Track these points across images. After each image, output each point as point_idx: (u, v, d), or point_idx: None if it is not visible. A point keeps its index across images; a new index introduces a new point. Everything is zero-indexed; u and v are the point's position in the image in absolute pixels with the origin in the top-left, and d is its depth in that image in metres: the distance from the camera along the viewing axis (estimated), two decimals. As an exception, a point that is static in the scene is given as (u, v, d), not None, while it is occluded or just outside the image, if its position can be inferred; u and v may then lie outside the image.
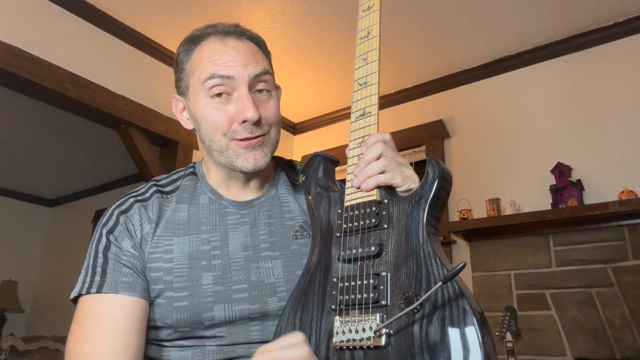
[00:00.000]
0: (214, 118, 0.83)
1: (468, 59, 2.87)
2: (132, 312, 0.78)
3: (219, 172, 0.90)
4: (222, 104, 0.83)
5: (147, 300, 0.80)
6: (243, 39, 0.87)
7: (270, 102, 0.87)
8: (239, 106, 0.82)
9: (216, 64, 0.82)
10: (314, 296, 0.72)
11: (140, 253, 0.82)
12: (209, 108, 0.83)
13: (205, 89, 0.83)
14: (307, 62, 2.91)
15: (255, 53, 0.87)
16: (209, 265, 0.82)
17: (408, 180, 0.72)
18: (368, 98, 0.78)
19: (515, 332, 2.21)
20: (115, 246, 0.82)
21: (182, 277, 0.80)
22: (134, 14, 2.54)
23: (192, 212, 0.87)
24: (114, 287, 0.78)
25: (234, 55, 0.83)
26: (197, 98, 0.85)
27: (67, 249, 4.87)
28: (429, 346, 0.58)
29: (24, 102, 2.87)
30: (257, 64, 0.85)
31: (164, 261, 0.81)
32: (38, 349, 3.50)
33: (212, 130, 0.84)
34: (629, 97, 2.43)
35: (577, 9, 2.43)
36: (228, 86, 0.82)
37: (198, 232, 0.85)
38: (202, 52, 0.85)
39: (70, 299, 0.81)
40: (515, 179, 2.64)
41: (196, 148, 2.86)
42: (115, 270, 0.80)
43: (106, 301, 0.78)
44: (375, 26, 0.81)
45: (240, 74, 0.82)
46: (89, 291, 0.78)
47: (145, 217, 0.84)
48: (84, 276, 0.81)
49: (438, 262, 0.62)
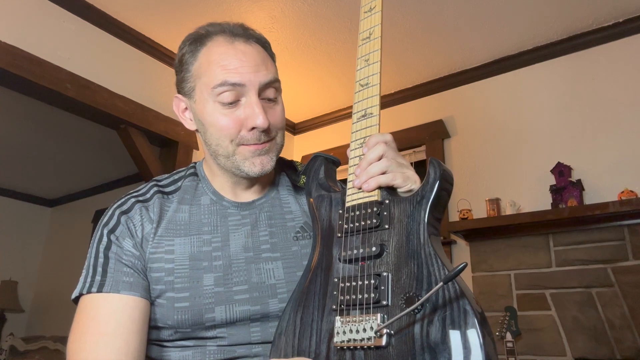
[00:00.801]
0: (223, 124, 0.82)
1: (468, 59, 2.87)
2: (133, 311, 0.78)
3: (223, 175, 0.90)
4: (231, 109, 0.82)
5: (148, 300, 0.80)
6: (251, 42, 0.85)
7: (277, 108, 0.87)
8: (249, 112, 0.81)
9: (226, 70, 0.81)
10: (315, 296, 0.72)
11: (141, 253, 0.82)
12: (217, 113, 0.82)
13: (214, 94, 0.81)
14: (307, 62, 2.91)
15: (265, 58, 0.86)
16: (210, 267, 0.82)
17: (409, 180, 0.72)
18: (369, 99, 0.78)
19: (515, 332, 2.21)
20: (116, 245, 0.81)
21: (184, 278, 0.80)
22: (134, 14, 2.54)
23: (193, 213, 0.87)
24: (114, 286, 0.78)
25: (244, 60, 0.82)
26: (205, 102, 0.83)
27: (67, 249, 4.87)
28: (429, 346, 0.58)
29: (24, 102, 2.87)
30: (267, 71, 0.84)
31: (165, 262, 0.81)
32: (38, 349, 3.50)
33: (220, 135, 0.83)
34: (629, 97, 2.43)
35: (577, 9, 2.43)
36: (237, 92, 0.81)
37: (199, 232, 0.85)
38: (210, 54, 0.83)
39: (72, 299, 0.81)
40: (515, 179, 2.64)
41: (196, 148, 2.86)
42: (116, 270, 0.79)
43: (107, 300, 0.78)
44: (377, 27, 0.81)
45: (251, 80, 0.81)
46: (89, 291, 0.78)
47: (146, 218, 0.84)
48: (84, 276, 0.81)
49: (439, 262, 0.62)
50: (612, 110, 2.46)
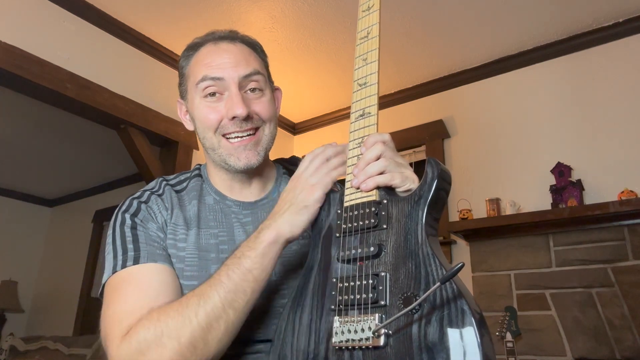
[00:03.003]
0: (206, 115, 0.88)
1: (468, 59, 2.87)
2: (174, 278, 0.79)
3: (220, 173, 0.94)
4: (214, 102, 0.88)
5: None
6: (236, 42, 0.92)
7: (263, 99, 0.90)
8: (229, 104, 0.86)
9: (209, 67, 0.88)
10: (314, 296, 0.72)
11: (164, 236, 0.84)
12: (202, 107, 0.89)
13: (199, 90, 0.88)
14: (307, 62, 2.91)
15: (247, 55, 0.90)
16: (217, 258, 0.84)
17: (407, 180, 0.72)
18: (367, 98, 0.78)
19: (515, 332, 2.21)
20: (142, 227, 0.83)
21: (193, 267, 0.83)
22: (134, 14, 2.54)
23: (200, 209, 0.90)
24: (151, 257, 0.79)
25: (226, 57, 0.88)
26: (193, 99, 0.90)
27: (67, 249, 4.87)
28: (427, 346, 0.58)
29: (24, 102, 2.87)
30: (247, 65, 0.89)
31: (177, 249, 0.84)
32: (38, 349, 3.50)
33: (204, 127, 0.89)
34: (629, 97, 2.43)
35: (577, 9, 2.43)
36: (219, 87, 0.87)
37: (207, 227, 0.88)
38: (198, 57, 0.91)
39: (100, 289, 0.80)
40: (515, 179, 2.64)
41: (196, 148, 2.86)
42: (148, 244, 0.81)
43: (147, 268, 0.78)
44: (375, 26, 0.81)
45: (230, 74, 0.87)
46: (124, 266, 0.77)
47: (162, 207, 0.88)
48: (113, 256, 0.79)
49: (437, 262, 0.62)
50: (612, 110, 2.46)
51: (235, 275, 0.71)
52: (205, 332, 0.68)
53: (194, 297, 0.70)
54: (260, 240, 0.73)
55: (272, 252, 0.74)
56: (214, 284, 0.71)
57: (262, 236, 0.74)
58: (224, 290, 0.70)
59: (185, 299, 0.71)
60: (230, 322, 0.70)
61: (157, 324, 0.68)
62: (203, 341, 0.68)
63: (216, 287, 0.70)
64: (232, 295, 0.70)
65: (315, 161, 0.79)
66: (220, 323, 0.69)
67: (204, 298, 0.70)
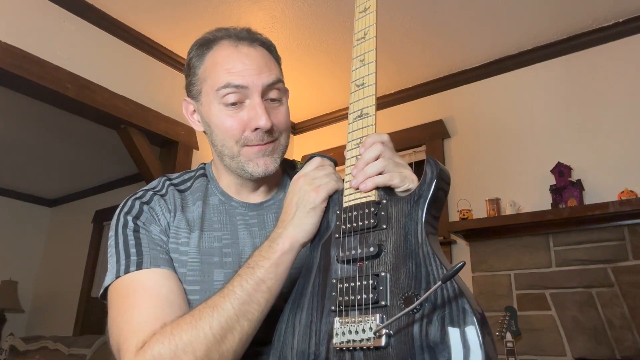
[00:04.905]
0: (227, 125, 0.85)
1: (468, 59, 2.87)
2: (179, 284, 0.78)
3: (230, 176, 0.92)
4: (235, 111, 0.85)
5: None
6: (256, 45, 0.88)
7: (281, 109, 0.90)
8: (252, 114, 0.84)
9: (230, 73, 0.84)
10: (314, 297, 0.72)
11: (167, 239, 0.83)
12: (222, 115, 0.85)
13: (218, 96, 0.84)
14: (307, 62, 2.91)
15: (268, 61, 0.88)
16: (220, 262, 0.84)
17: (406, 180, 0.72)
18: (365, 99, 0.78)
19: (515, 332, 2.21)
20: (144, 229, 0.82)
21: (195, 271, 0.82)
22: (134, 14, 2.54)
23: (204, 211, 0.89)
24: (154, 262, 0.78)
25: (248, 63, 0.85)
26: (210, 104, 0.86)
27: (66, 249, 4.87)
28: (429, 346, 0.57)
29: (24, 102, 2.87)
30: (270, 73, 0.86)
31: (179, 253, 0.83)
32: (38, 349, 3.50)
33: (225, 136, 0.86)
34: (628, 97, 2.43)
35: (577, 9, 2.43)
36: (242, 94, 0.84)
37: (210, 229, 0.87)
38: (215, 57, 0.86)
39: (101, 291, 0.80)
40: (515, 179, 2.64)
41: (196, 148, 2.86)
42: (151, 248, 0.80)
43: (151, 273, 0.77)
44: (371, 27, 0.81)
45: (254, 82, 0.84)
46: (127, 271, 0.77)
47: (165, 208, 0.86)
48: (116, 260, 0.79)
49: (437, 261, 0.62)
50: (612, 110, 2.46)
51: (249, 285, 0.71)
52: (220, 344, 0.68)
53: (207, 309, 0.70)
54: (274, 250, 0.73)
55: (287, 261, 0.73)
56: (227, 295, 0.70)
57: (276, 245, 0.73)
58: (237, 302, 0.70)
59: (197, 310, 0.71)
60: (244, 332, 0.70)
61: (171, 337, 0.68)
62: (218, 353, 0.68)
63: (229, 298, 0.70)
64: (246, 306, 0.70)
65: (321, 166, 0.80)
66: (235, 334, 0.69)
67: (218, 310, 0.69)
